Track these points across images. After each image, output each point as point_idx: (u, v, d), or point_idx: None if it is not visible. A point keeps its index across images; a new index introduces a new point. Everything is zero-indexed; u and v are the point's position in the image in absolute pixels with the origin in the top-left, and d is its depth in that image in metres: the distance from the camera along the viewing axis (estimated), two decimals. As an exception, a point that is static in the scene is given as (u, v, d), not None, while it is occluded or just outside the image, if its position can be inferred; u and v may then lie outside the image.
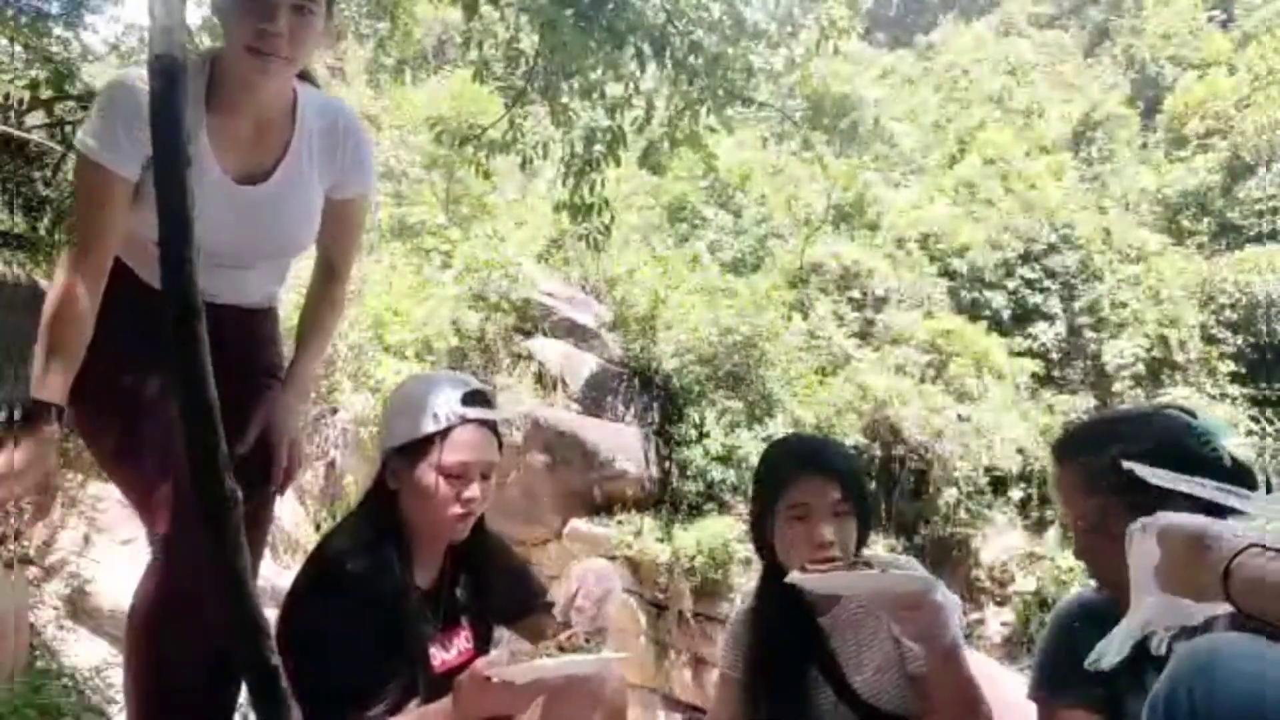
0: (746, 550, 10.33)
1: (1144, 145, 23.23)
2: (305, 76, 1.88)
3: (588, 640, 1.53)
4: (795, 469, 1.73)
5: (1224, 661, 0.93)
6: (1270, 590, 0.94)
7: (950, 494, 13.00)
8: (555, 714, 1.68)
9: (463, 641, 1.77)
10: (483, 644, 1.81)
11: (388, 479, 1.70)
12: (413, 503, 1.68)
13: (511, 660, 1.45)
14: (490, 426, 1.73)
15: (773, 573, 1.79)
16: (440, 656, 1.68)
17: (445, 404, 1.68)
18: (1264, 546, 0.97)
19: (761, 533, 1.79)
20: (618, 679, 1.73)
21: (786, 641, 1.74)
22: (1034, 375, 15.96)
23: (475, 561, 1.81)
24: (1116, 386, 16.18)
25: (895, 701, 1.71)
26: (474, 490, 1.67)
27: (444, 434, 1.66)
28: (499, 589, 1.83)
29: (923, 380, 14.09)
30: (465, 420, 1.67)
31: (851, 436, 12.16)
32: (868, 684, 1.71)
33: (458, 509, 1.66)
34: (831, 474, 1.71)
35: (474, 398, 1.72)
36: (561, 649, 1.49)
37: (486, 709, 1.48)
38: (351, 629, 1.56)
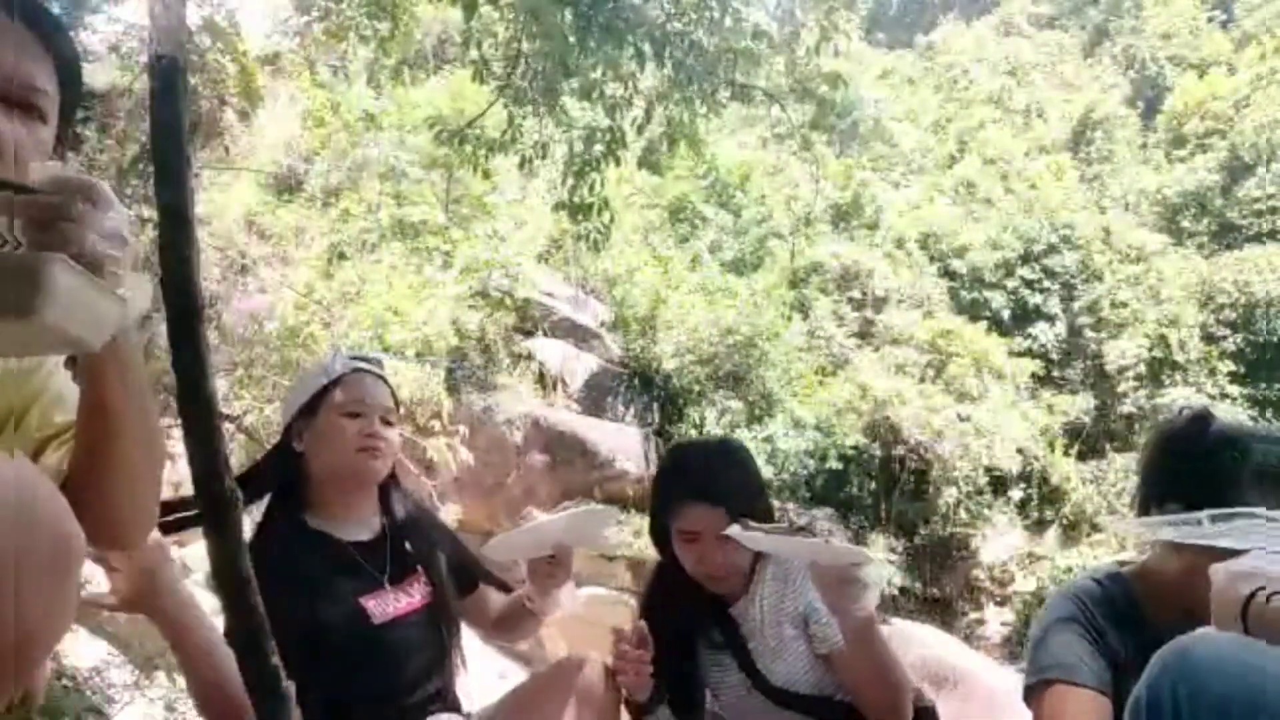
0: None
1: (1144, 145, 23.23)
2: None
3: None
4: (685, 497, 1.75)
5: (1205, 661, 0.94)
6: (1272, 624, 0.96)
7: (950, 494, 13.00)
8: (532, 710, 1.69)
9: (421, 586, 1.82)
10: (439, 592, 1.86)
11: (293, 443, 1.81)
12: (319, 452, 1.79)
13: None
14: (384, 380, 1.88)
15: (669, 569, 1.85)
16: (394, 604, 1.75)
17: (336, 362, 1.86)
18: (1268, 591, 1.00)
19: (658, 533, 1.85)
20: (596, 674, 1.72)
21: (686, 630, 1.80)
22: (1034, 375, 15.96)
23: (404, 523, 1.88)
24: (1117, 386, 16.19)
25: (810, 683, 1.74)
26: (376, 428, 1.79)
27: (337, 382, 1.81)
28: (444, 558, 1.89)
29: (923, 380, 14.10)
30: (355, 370, 1.84)
31: (851, 436, 12.16)
32: (782, 669, 1.74)
33: (361, 443, 1.77)
34: (719, 503, 1.70)
35: (365, 359, 1.91)
36: None
37: None
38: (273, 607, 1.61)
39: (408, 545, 1.84)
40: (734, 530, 1.53)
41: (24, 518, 0.76)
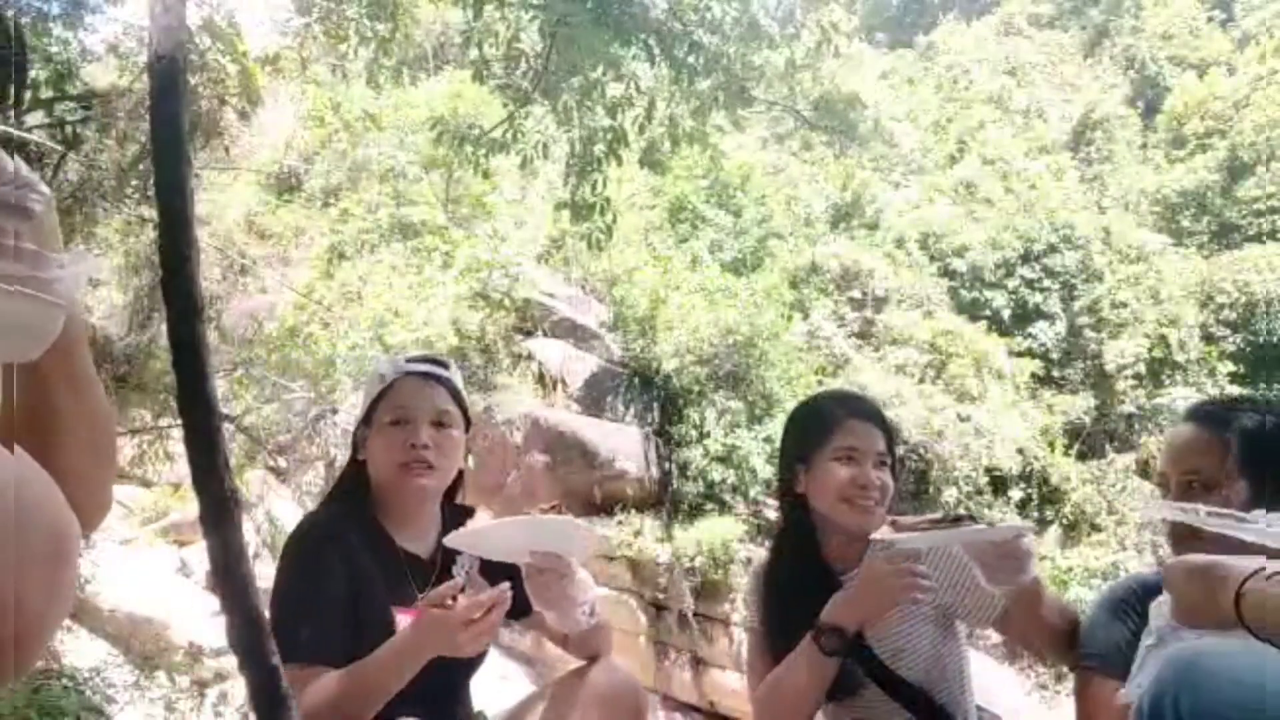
0: (747, 550, 10.33)
1: (1144, 145, 23.24)
2: None
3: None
4: (847, 414, 1.77)
5: (1207, 667, 0.95)
6: (1275, 610, 0.96)
7: (950, 494, 12.99)
8: (558, 714, 1.67)
9: None
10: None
11: (358, 454, 1.78)
12: (372, 461, 1.74)
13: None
14: (439, 380, 1.78)
15: (797, 525, 1.80)
16: None
17: (390, 365, 1.79)
18: (1268, 571, 1.00)
19: (790, 482, 1.79)
20: (628, 683, 1.71)
21: (806, 595, 1.71)
22: (1034, 375, 15.96)
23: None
24: (1117, 386, 16.19)
25: (915, 669, 1.68)
26: (420, 435, 1.69)
27: (389, 389, 1.75)
28: (494, 570, 1.77)
29: (923, 380, 14.10)
30: (408, 374, 1.76)
31: (851, 436, 12.15)
32: (888, 648, 1.69)
33: (405, 455, 1.68)
34: (879, 423, 1.78)
35: (421, 360, 1.82)
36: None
37: (441, 644, 1.48)
38: (311, 563, 1.59)
39: (455, 571, 1.68)
40: (884, 532, 1.53)
41: (20, 507, 0.77)
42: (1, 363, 0.85)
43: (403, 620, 1.64)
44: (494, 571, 1.65)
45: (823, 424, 1.77)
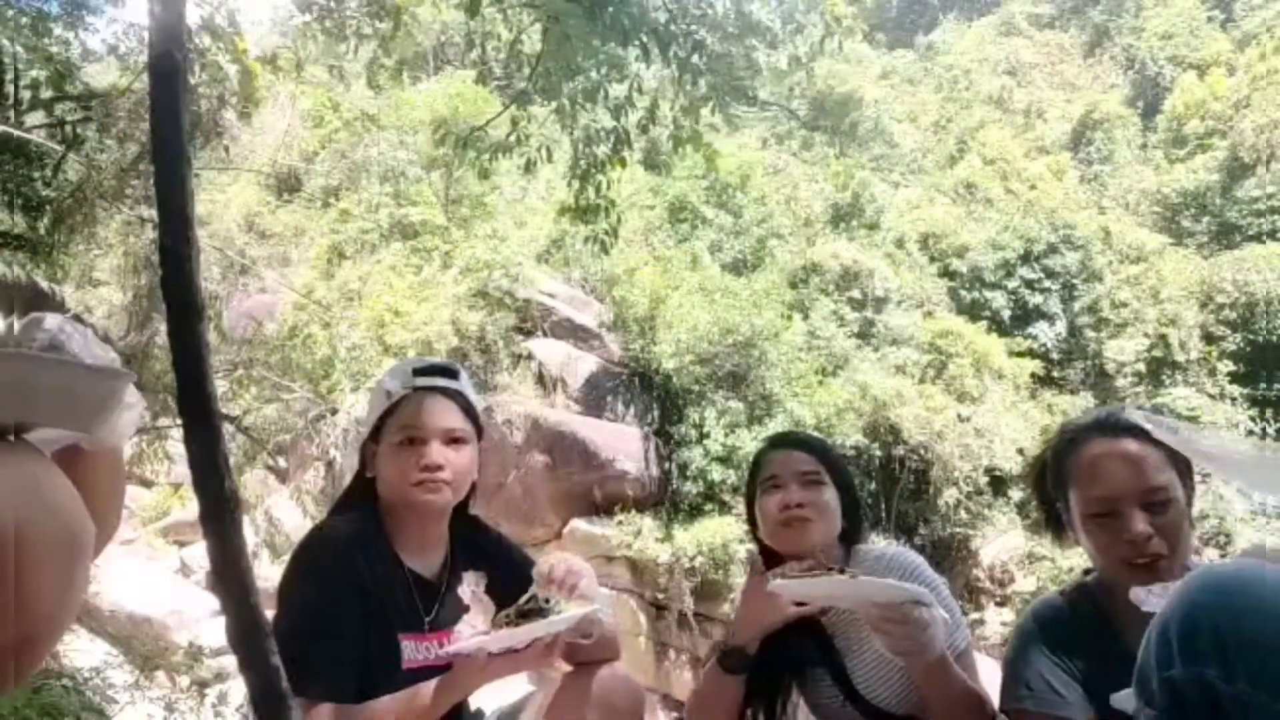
0: (746, 550, 10.34)
1: (1144, 145, 23.25)
2: None
3: (547, 602, 1.51)
4: (766, 448, 1.84)
5: (1252, 592, 0.83)
6: None
7: (950, 494, 12.99)
8: (557, 712, 1.67)
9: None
10: None
11: (366, 469, 1.73)
12: (382, 480, 1.68)
13: (474, 634, 1.46)
14: (450, 394, 1.72)
15: (768, 564, 1.80)
16: (427, 652, 1.65)
17: (398, 380, 1.72)
18: None
19: (754, 523, 1.82)
20: (627, 684, 1.70)
21: (782, 637, 1.71)
22: (1034, 375, 15.97)
23: (475, 555, 1.77)
24: (1117, 386, 16.20)
25: (898, 700, 1.67)
26: (433, 455, 1.64)
27: (396, 406, 1.69)
28: (503, 585, 1.75)
29: (923, 380, 14.10)
30: (416, 389, 1.69)
31: (851, 437, 12.16)
32: (878, 685, 1.69)
33: (416, 475, 1.63)
34: (797, 445, 1.80)
35: (430, 371, 1.74)
36: (521, 615, 1.48)
37: (470, 687, 1.54)
38: (323, 588, 1.56)
39: (461, 591, 1.72)
40: (776, 583, 1.51)
41: (36, 507, 0.77)
42: (57, 430, 0.88)
43: (407, 648, 1.62)
44: (499, 591, 1.67)
45: (755, 466, 1.82)
